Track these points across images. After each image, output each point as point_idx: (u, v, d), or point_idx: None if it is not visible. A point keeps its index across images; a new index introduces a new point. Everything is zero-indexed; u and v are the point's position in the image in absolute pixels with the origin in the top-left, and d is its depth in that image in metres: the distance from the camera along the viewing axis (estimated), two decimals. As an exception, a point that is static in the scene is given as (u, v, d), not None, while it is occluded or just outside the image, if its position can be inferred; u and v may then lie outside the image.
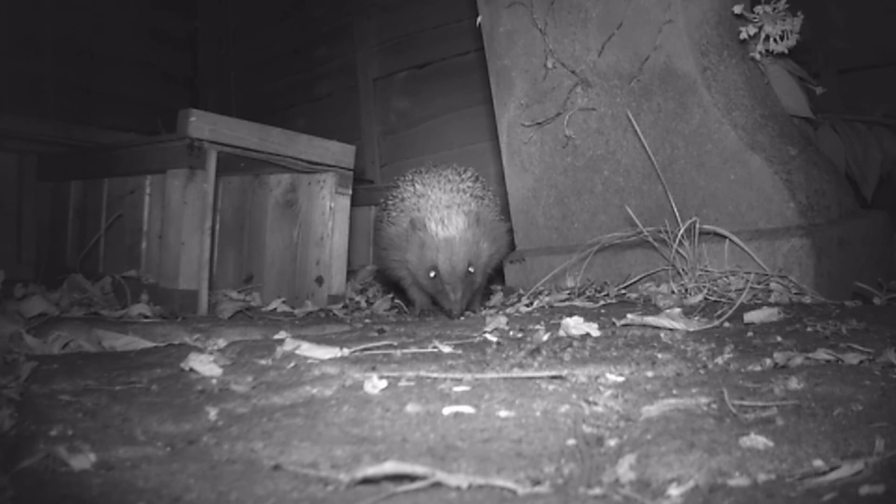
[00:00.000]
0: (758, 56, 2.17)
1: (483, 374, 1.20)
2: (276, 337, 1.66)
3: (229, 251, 2.80)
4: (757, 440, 0.83)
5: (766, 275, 1.88)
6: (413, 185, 2.21)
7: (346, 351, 1.41)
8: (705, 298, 1.82)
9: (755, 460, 0.79)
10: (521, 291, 2.33)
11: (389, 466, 0.76)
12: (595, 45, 2.25)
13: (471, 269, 2.00)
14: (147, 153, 2.59)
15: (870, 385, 1.03)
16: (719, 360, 1.24)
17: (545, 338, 1.44)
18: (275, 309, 2.39)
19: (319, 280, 2.56)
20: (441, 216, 2.01)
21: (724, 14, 2.16)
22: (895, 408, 0.94)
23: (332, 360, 1.35)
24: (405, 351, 1.41)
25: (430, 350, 1.41)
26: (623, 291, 2.06)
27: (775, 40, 2.11)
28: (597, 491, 0.76)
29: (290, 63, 4.87)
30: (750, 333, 1.40)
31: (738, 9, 2.11)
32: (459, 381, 1.18)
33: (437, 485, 0.76)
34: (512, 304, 2.17)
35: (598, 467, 0.82)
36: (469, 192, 2.17)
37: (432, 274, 2.00)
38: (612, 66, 2.23)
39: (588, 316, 1.61)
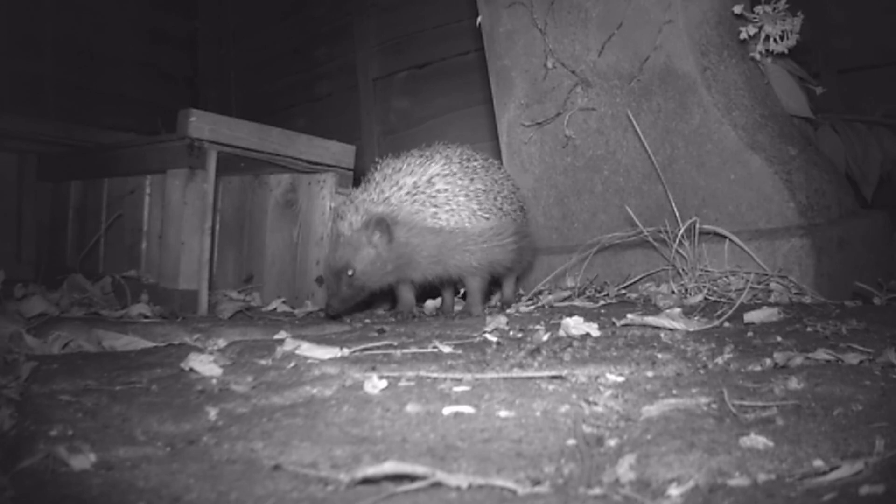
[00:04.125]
0: (758, 56, 2.17)
1: (483, 374, 1.20)
2: (276, 337, 1.66)
3: (229, 251, 2.80)
4: (757, 440, 0.83)
5: (766, 275, 1.88)
6: (378, 171, 2.04)
7: (346, 351, 1.41)
8: (705, 298, 1.82)
9: (755, 460, 0.79)
10: (521, 291, 2.33)
11: (389, 466, 0.76)
12: (595, 45, 2.25)
13: (350, 273, 1.89)
14: (147, 153, 2.59)
15: (870, 385, 1.03)
16: (719, 360, 1.24)
17: (545, 338, 1.44)
18: (275, 309, 2.39)
19: (319, 280, 2.55)
20: (344, 211, 1.94)
21: (724, 14, 2.16)
22: (895, 408, 0.94)
23: (332, 360, 1.35)
24: (405, 351, 1.41)
25: (430, 350, 1.41)
26: (623, 291, 2.06)
27: (775, 40, 2.11)
28: (597, 491, 0.76)
29: (290, 63, 4.86)
30: (750, 333, 1.40)
31: (738, 9, 2.11)
32: (459, 381, 1.18)
33: (437, 485, 0.76)
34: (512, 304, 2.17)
35: (598, 467, 0.82)
36: (416, 191, 1.94)
37: None
38: (612, 66, 2.23)
39: (588, 316, 1.61)
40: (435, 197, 1.94)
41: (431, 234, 1.94)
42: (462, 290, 2.17)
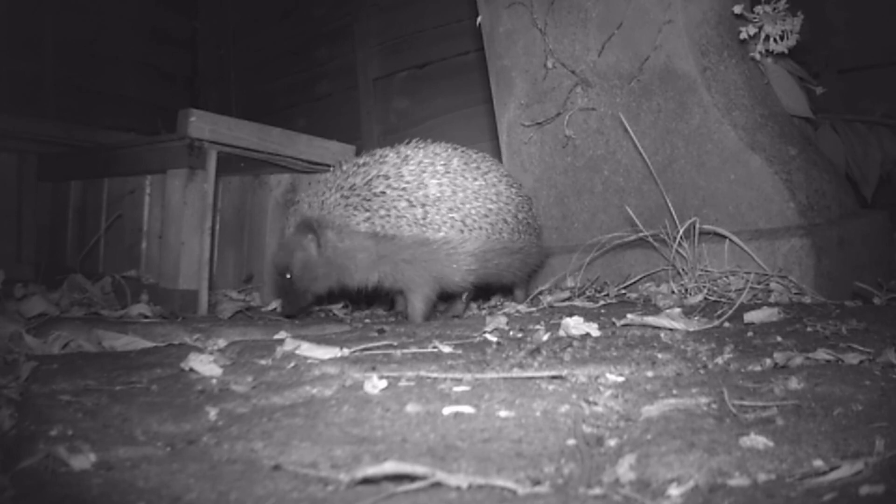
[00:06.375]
0: (758, 56, 2.17)
1: (483, 374, 1.20)
2: (276, 337, 1.66)
3: (229, 251, 2.80)
4: (757, 440, 0.83)
5: (766, 275, 1.88)
6: (331, 171, 1.98)
7: (346, 351, 1.41)
8: (705, 298, 1.82)
9: (755, 460, 0.79)
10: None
11: (389, 466, 0.76)
12: (595, 45, 2.25)
13: (288, 276, 1.89)
14: (147, 153, 2.59)
15: (870, 385, 1.03)
16: (719, 360, 1.24)
17: (545, 338, 1.44)
18: (275, 309, 2.39)
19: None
20: (289, 213, 1.95)
21: (724, 14, 2.16)
22: (895, 408, 0.94)
23: (332, 360, 1.35)
24: (405, 351, 1.41)
25: (430, 350, 1.41)
26: (623, 291, 2.06)
27: (775, 40, 2.11)
28: (597, 491, 0.76)
29: (290, 63, 4.86)
30: (750, 333, 1.40)
31: (738, 9, 2.11)
32: (459, 381, 1.18)
33: (437, 485, 0.76)
34: (512, 304, 2.17)
35: (598, 467, 0.82)
36: (351, 194, 1.86)
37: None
38: (612, 66, 2.23)
39: (588, 316, 1.61)
40: (370, 200, 1.84)
41: (365, 239, 1.85)
42: (463, 296, 2.16)
